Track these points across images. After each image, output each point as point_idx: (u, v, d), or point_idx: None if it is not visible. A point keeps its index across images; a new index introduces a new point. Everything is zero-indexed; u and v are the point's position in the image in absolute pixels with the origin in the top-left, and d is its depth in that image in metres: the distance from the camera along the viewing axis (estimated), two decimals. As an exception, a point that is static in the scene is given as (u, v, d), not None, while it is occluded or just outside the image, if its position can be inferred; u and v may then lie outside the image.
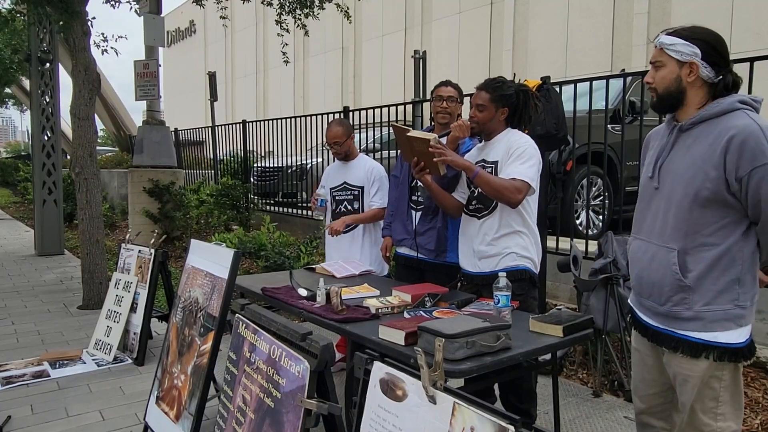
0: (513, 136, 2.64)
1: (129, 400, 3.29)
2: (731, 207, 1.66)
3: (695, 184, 1.68)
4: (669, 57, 1.72)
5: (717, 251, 1.68)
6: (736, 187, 1.63)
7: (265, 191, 8.37)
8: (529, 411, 2.65)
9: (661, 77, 1.75)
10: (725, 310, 1.69)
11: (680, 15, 11.30)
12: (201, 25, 29.83)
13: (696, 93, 1.72)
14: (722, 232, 1.68)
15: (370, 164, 3.65)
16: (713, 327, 1.70)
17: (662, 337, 1.81)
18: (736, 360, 1.70)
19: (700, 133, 1.70)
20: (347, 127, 3.61)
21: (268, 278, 3.29)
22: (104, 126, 22.08)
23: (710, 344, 1.70)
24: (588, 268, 3.46)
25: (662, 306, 1.78)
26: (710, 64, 1.68)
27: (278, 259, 5.19)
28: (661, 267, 1.77)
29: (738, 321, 1.69)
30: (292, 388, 1.78)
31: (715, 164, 1.64)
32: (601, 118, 4.49)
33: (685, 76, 1.71)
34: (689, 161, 1.71)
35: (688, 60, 1.69)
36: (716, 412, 1.73)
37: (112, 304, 4.15)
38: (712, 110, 1.69)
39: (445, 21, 16.60)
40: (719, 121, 1.66)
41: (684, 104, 1.74)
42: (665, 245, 1.76)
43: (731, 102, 1.67)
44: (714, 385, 1.72)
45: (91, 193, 5.24)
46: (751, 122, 1.61)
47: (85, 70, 5.17)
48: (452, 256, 2.92)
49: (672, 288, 1.74)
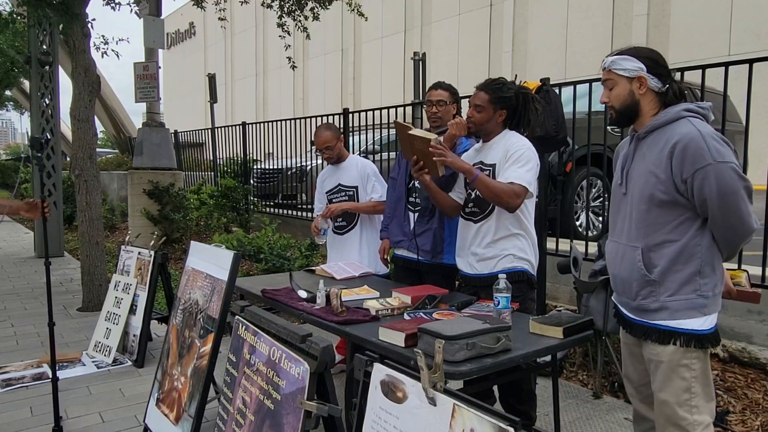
0: (511, 138, 2.63)
1: (129, 402, 3.29)
2: (683, 206, 1.83)
3: (649, 188, 1.86)
4: (618, 75, 1.91)
5: (676, 246, 1.85)
6: (683, 188, 1.80)
7: (265, 193, 8.37)
8: (529, 412, 2.65)
9: (616, 95, 1.92)
10: (689, 300, 1.85)
11: (679, 16, 11.32)
12: (201, 27, 29.89)
13: (648, 103, 1.91)
14: (679, 229, 1.85)
15: (361, 162, 3.67)
16: (678, 315, 1.86)
17: (637, 328, 1.97)
18: (702, 346, 1.85)
19: (652, 141, 1.89)
20: (335, 130, 3.61)
21: (268, 280, 3.29)
22: (104, 128, 22.10)
23: (677, 330, 1.86)
24: (588, 270, 3.46)
25: (633, 301, 1.95)
26: (656, 75, 1.88)
27: (277, 261, 5.19)
28: (629, 264, 1.93)
29: (702, 309, 1.85)
30: (292, 390, 1.78)
31: (664, 168, 1.82)
32: (601, 119, 4.49)
33: (636, 89, 1.90)
34: (644, 167, 1.89)
35: (636, 75, 1.88)
36: (691, 405, 1.85)
37: (112, 306, 4.15)
38: (660, 119, 1.87)
39: (445, 22, 16.63)
40: (667, 129, 1.85)
41: (640, 115, 1.92)
42: (630, 244, 1.93)
43: (677, 111, 1.85)
44: (684, 374, 1.85)
45: (90, 195, 5.25)
46: (693, 129, 1.78)
47: (85, 72, 5.17)
48: (449, 257, 2.92)
49: (639, 283, 1.91)
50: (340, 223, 3.63)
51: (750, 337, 3.42)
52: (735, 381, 3.26)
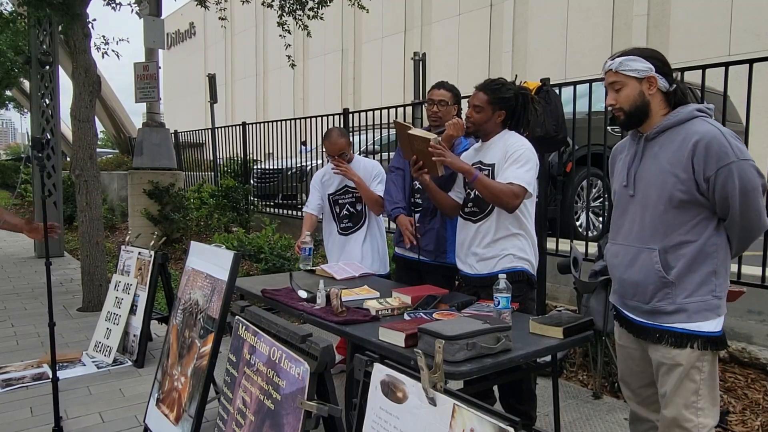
0: (510, 138, 2.62)
1: (129, 402, 3.29)
2: (701, 205, 1.81)
3: (667, 188, 1.82)
4: (627, 77, 1.87)
5: (694, 247, 1.82)
6: (705, 187, 1.77)
7: (265, 193, 8.37)
8: (529, 412, 2.65)
9: (625, 96, 1.88)
10: (705, 301, 1.83)
11: (679, 16, 11.32)
12: (201, 27, 29.88)
13: (658, 104, 1.88)
14: (697, 229, 1.82)
15: (368, 164, 3.61)
16: (696, 318, 1.83)
17: (647, 331, 1.92)
18: (716, 348, 1.84)
19: (664, 141, 1.85)
20: (347, 136, 3.55)
21: (268, 280, 3.29)
22: (104, 128, 22.07)
23: (694, 333, 1.83)
24: (588, 270, 3.46)
25: (647, 304, 1.90)
26: (663, 75, 1.86)
27: (277, 261, 5.19)
28: (644, 267, 1.89)
29: (716, 311, 1.84)
30: (292, 390, 1.78)
31: (684, 167, 1.78)
32: (601, 119, 4.49)
33: (647, 90, 1.86)
34: (658, 167, 1.85)
35: (646, 75, 1.85)
36: (696, 407, 1.83)
37: (112, 306, 4.15)
38: (673, 119, 1.84)
39: (445, 23, 16.63)
40: (681, 129, 1.82)
41: (650, 116, 1.89)
42: (646, 246, 1.89)
43: (690, 111, 1.83)
44: (695, 377, 1.83)
45: (91, 195, 5.25)
46: (712, 127, 1.77)
47: (85, 72, 5.17)
48: (451, 257, 2.92)
49: (656, 285, 1.87)
50: (346, 224, 3.61)
51: (750, 337, 3.42)
52: (735, 381, 3.26)
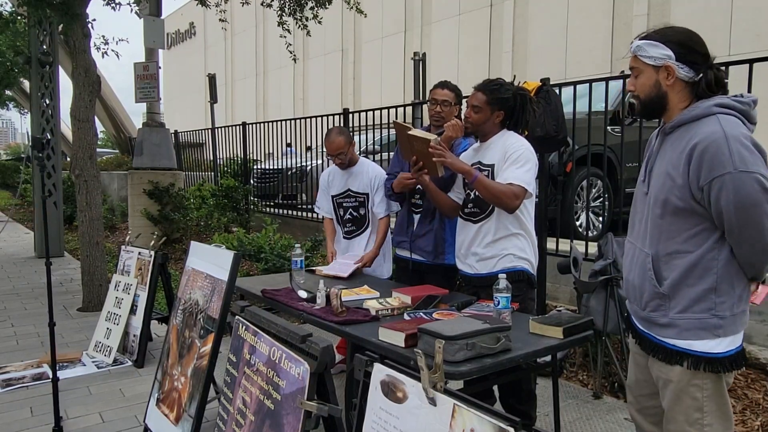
0: (509, 139, 2.62)
1: (129, 402, 3.29)
2: (700, 215, 1.62)
3: (665, 191, 1.66)
4: (643, 63, 1.69)
5: (690, 259, 1.64)
6: (700, 196, 1.59)
7: (265, 193, 8.38)
8: (529, 412, 2.65)
9: (641, 84, 1.71)
10: (700, 319, 1.64)
11: (679, 17, 11.31)
12: (201, 27, 29.85)
13: (677, 95, 1.67)
14: (694, 240, 1.64)
15: (374, 171, 3.51)
16: (687, 335, 1.66)
17: (645, 341, 1.80)
18: (714, 370, 1.64)
19: (676, 138, 1.66)
20: (347, 135, 3.49)
21: (268, 280, 3.30)
22: (104, 128, 22.08)
23: (684, 351, 1.67)
24: (588, 270, 3.46)
25: (643, 310, 1.78)
26: (687, 63, 1.63)
27: (277, 261, 5.19)
28: (641, 271, 1.76)
29: (715, 331, 1.64)
30: (292, 390, 1.78)
31: (681, 172, 1.61)
32: (601, 119, 4.49)
33: (663, 80, 1.67)
34: (663, 167, 1.68)
35: (662, 64, 1.65)
36: (702, 424, 1.67)
37: (112, 306, 4.15)
38: (688, 115, 1.64)
39: (445, 23, 16.61)
40: (692, 127, 1.62)
41: (668, 108, 1.70)
42: (643, 249, 1.75)
43: (707, 106, 1.61)
44: (696, 394, 1.67)
45: (90, 195, 5.25)
46: (718, 129, 1.55)
47: (85, 72, 5.17)
48: (450, 257, 2.93)
49: (650, 294, 1.73)
50: (349, 227, 3.58)
51: (750, 337, 3.41)
52: (735, 381, 3.26)
